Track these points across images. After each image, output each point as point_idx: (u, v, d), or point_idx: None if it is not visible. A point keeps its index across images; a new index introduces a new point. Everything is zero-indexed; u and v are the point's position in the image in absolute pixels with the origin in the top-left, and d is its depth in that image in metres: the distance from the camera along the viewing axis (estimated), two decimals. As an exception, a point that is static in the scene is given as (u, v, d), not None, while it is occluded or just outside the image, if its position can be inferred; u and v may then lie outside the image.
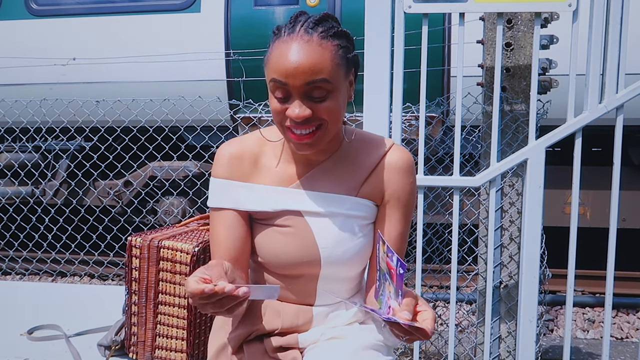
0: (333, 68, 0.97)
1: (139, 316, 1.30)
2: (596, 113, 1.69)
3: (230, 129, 3.68)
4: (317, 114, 0.97)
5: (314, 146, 1.01)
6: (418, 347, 1.89)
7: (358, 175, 1.11)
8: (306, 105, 0.96)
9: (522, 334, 1.79)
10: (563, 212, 3.61)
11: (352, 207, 1.09)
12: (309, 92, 0.96)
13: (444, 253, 2.92)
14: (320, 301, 1.13)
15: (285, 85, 0.95)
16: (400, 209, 1.11)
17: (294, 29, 0.98)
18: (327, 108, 0.98)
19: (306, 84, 0.95)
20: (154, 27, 3.78)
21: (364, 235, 1.10)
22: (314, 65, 0.94)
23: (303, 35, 0.96)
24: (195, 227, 1.42)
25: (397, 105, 1.73)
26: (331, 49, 0.97)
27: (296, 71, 0.94)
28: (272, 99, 0.99)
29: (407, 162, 1.12)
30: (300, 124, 0.97)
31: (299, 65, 0.94)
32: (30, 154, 3.97)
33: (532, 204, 1.73)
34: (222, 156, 1.10)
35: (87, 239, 3.81)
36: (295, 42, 0.96)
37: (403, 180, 1.11)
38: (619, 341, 3.08)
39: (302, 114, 0.96)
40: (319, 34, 0.97)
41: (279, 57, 0.96)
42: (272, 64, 0.97)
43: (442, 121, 3.44)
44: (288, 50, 0.95)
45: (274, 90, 0.98)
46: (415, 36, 1.89)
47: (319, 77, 0.95)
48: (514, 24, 2.06)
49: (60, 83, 3.90)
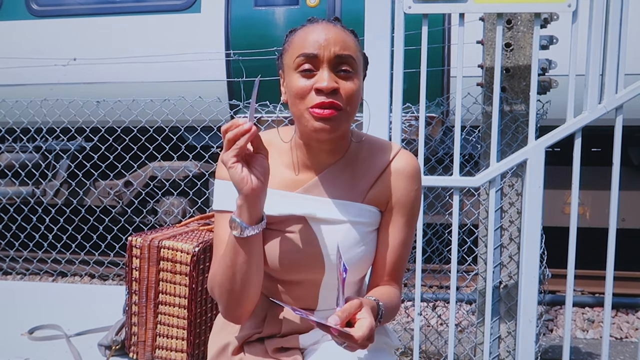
0: (356, 53, 1.02)
1: (140, 316, 1.31)
2: (596, 113, 1.70)
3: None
4: (342, 90, 0.99)
5: (334, 128, 0.99)
6: (418, 347, 1.89)
7: (365, 181, 1.10)
8: (334, 79, 0.98)
9: (521, 333, 1.79)
10: (563, 212, 3.61)
11: (358, 213, 1.08)
12: (338, 65, 0.99)
13: (443, 253, 2.92)
14: (322, 306, 1.13)
15: (315, 57, 0.98)
16: (404, 216, 1.10)
17: (315, 20, 1.03)
18: (350, 89, 0.99)
19: (337, 56, 0.98)
20: (154, 28, 3.78)
21: (368, 242, 1.09)
22: (343, 41, 0.99)
23: (327, 23, 1.02)
24: (195, 227, 1.43)
25: (397, 106, 1.73)
26: (353, 38, 1.03)
27: (327, 43, 0.98)
28: (295, 78, 1.00)
29: (414, 168, 1.11)
30: (329, 95, 0.97)
31: (329, 37, 0.98)
32: (31, 154, 3.98)
33: (532, 204, 1.74)
34: None
35: (87, 239, 3.82)
36: (321, 24, 1.01)
37: (409, 187, 1.10)
38: (619, 341, 3.08)
39: (331, 85, 0.97)
40: (340, 24, 1.03)
41: (306, 35, 0.99)
42: (299, 42, 1.00)
43: (442, 121, 3.44)
44: (316, 29, 1.00)
45: (300, 66, 0.99)
46: (415, 36, 1.89)
47: (348, 52, 0.99)
48: (513, 25, 2.06)
49: (60, 83, 3.90)
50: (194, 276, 1.26)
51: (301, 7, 3.62)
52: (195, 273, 1.26)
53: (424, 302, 3.07)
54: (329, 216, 1.07)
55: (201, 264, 1.28)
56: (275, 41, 3.56)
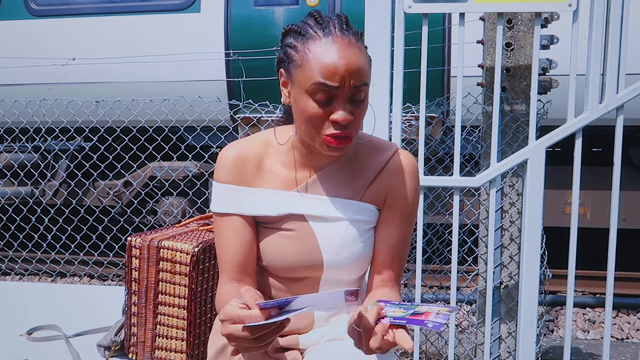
0: (368, 71, 0.98)
1: (139, 316, 1.30)
2: (596, 113, 1.69)
3: (230, 129, 3.68)
4: (354, 115, 0.97)
5: (344, 153, 1.01)
6: (418, 347, 1.88)
7: (363, 179, 1.10)
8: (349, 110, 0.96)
9: (522, 334, 1.79)
10: (563, 213, 3.61)
11: (356, 211, 1.08)
12: (354, 94, 0.96)
13: (444, 253, 2.91)
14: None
15: (334, 89, 0.94)
16: (401, 213, 1.10)
17: (329, 30, 0.96)
18: (361, 115, 0.99)
19: (354, 87, 0.95)
20: (153, 27, 3.78)
21: (366, 240, 1.09)
22: (360, 69, 0.95)
23: (343, 37, 0.95)
24: (195, 228, 1.42)
25: (397, 106, 1.73)
26: (364, 51, 0.98)
27: (348, 75, 0.93)
28: (308, 104, 0.96)
29: (412, 166, 1.11)
30: (344, 128, 0.96)
31: (350, 69, 0.93)
32: (29, 154, 3.97)
33: (532, 204, 1.73)
34: (225, 160, 1.08)
35: (86, 239, 3.81)
36: (339, 45, 0.94)
37: (407, 185, 1.10)
38: (620, 342, 3.08)
39: (349, 117, 0.95)
40: (353, 35, 0.97)
41: (324, 59, 0.93)
42: (316, 67, 0.94)
43: (442, 121, 3.44)
44: (334, 52, 0.93)
45: (315, 94, 0.95)
46: (415, 36, 1.89)
47: (363, 81, 0.96)
48: (514, 24, 2.06)
49: (59, 83, 3.90)
50: (194, 276, 1.25)
51: (301, 6, 3.61)
52: (195, 273, 1.25)
53: (424, 302, 3.06)
54: (327, 214, 1.07)
55: (201, 265, 1.27)
56: (275, 41, 3.55)
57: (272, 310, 0.80)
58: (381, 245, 1.11)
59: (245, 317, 0.78)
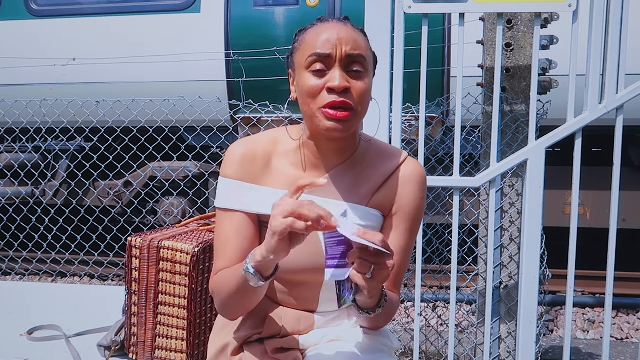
0: (367, 51, 1.02)
1: (139, 316, 1.30)
2: (596, 113, 1.69)
3: (230, 129, 3.68)
4: (353, 90, 0.99)
5: (346, 129, 1.00)
6: (418, 347, 1.89)
7: (370, 185, 1.09)
8: (345, 78, 0.98)
9: (522, 334, 1.79)
10: (563, 213, 3.61)
11: (362, 216, 1.08)
12: (349, 64, 0.99)
13: (444, 253, 2.92)
14: (322, 308, 1.12)
15: (327, 57, 0.98)
16: (406, 222, 1.10)
17: (327, 20, 1.03)
18: (361, 88, 0.99)
19: (348, 56, 0.98)
20: (154, 28, 3.78)
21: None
22: (355, 41, 0.99)
23: (338, 22, 1.02)
24: (195, 228, 1.42)
25: (397, 106, 1.73)
26: (363, 37, 1.04)
27: (339, 42, 0.98)
28: (306, 77, 0.99)
29: (421, 176, 1.11)
30: (341, 95, 0.97)
31: (342, 37, 0.98)
32: (30, 154, 3.97)
33: (532, 205, 1.73)
34: (233, 156, 1.08)
35: (87, 239, 3.81)
36: (333, 24, 1.01)
37: (414, 194, 1.10)
38: (619, 342, 3.08)
39: (343, 84, 0.97)
40: (351, 24, 1.03)
41: (318, 34, 0.99)
42: (311, 42, 0.99)
43: (442, 121, 3.44)
44: (328, 28, 1.00)
45: (312, 65, 0.99)
46: (415, 36, 1.89)
47: (359, 52, 0.99)
48: (514, 25, 2.06)
49: (60, 83, 3.90)
50: (194, 276, 1.25)
51: (301, 7, 3.61)
52: (195, 273, 1.26)
53: (424, 302, 3.07)
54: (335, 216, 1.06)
55: (201, 265, 1.27)
56: (275, 41, 3.56)
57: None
58: None
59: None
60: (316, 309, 1.12)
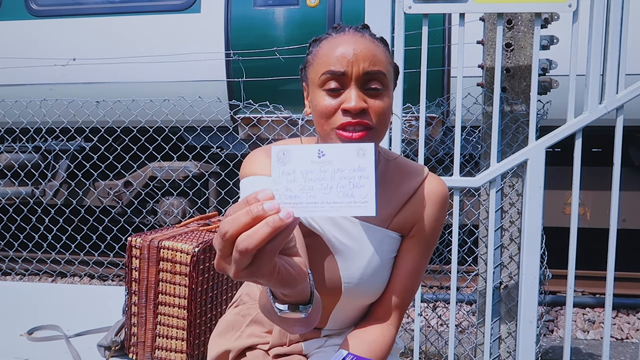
0: (387, 66, 0.94)
1: (139, 316, 1.30)
2: (596, 114, 1.69)
3: (231, 129, 3.68)
4: (371, 109, 0.91)
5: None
6: (418, 347, 1.88)
7: (392, 206, 1.04)
8: (362, 98, 0.91)
9: (522, 334, 1.79)
10: (563, 213, 3.61)
11: (382, 240, 1.03)
12: (366, 83, 0.91)
13: (444, 253, 2.91)
14: (330, 326, 1.10)
15: (342, 75, 0.90)
16: (423, 244, 1.05)
17: (342, 29, 0.95)
18: (379, 107, 0.92)
19: (365, 73, 0.90)
20: (154, 28, 3.78)
21: (386, 271, 1.05)
22: (373, 56, 0.91)
23: (355, 33, 0.94)
24: (195, 228, 1.42)
25: (397, 106, 1.73)
26: (383, 48, 0.95)
27: (356, 59, 0.90)
28: (320, 97, 0.92)
29: (443, 195, 1.06)
30: (356, 116, 0.90)
31: (358, 53, 0.90)
32: (30, 155, 3.97)
33: (532, 205, 1.73)
34: (256, 156, 1.01)
35: (87, 239, 3.81)
36: (349, 36, 0.93)
37: (435, 215, 1.05)
38: (619, 342, 3.08)
39: (359, 105, 0.89)
40: (369, 34, 0.95)
41: (332, 50, 0.91)
42: (325, 57, 0.92)
43: (442, 122, 3.44)
44: (343, 42, 0.91)
45: (326, 83, 0.92)
46: (415, 36, 1.89)
47: (377, 68, 0.91)
48: (514, 25, 2.06)
49: (60, 83, 3.90)
50: (194, 277, 1.25)
51: (301, 7, 3.61)
52: (195, 273, 1.26)
53: (424, 302, 3.07)
54: (352, 240, 1.02)
55: (201, 265, 1.27)
56: (275, 41, 3.56)
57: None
58: (395, 271, 1.05)
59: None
60: (324, 327, 1.11)
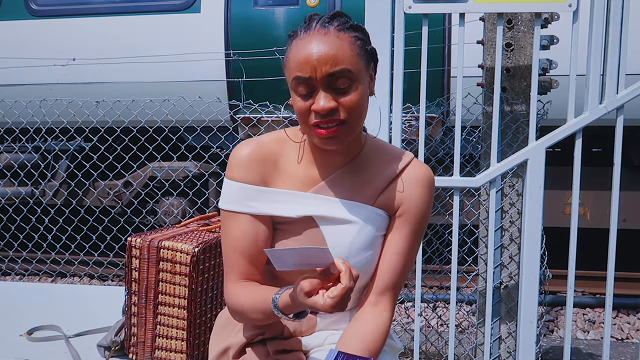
0: (353, 58, 0.96)
1: (139, 317, 1.30)
2: (596, 114, 1.69)
3: (230, 129, 3.68)
4: (341, 106, 0.96)
5: (340, 142, 0.99)
6: (418, 348, 1.88)
7: (376, 184, 1.08)
8: (331, 97, 0.95)
9: (522, 334, 1.79)
10: (563, 213, 3.61)
11: (368, 216, 1.07)
12: (332, 83, 0.95)
13: (444, 254, 2.91)
14: None
15: (308, 80, 0.95)
16: (412, 224, 1.08)
17: (309, 27, 0.98)
18: (350, 100, 0.96)
19: (328, 75, 0.94)
20: (154, 28, 3.78)
21: (376, 247, 1.07)
22: (335, 56, 0.94)
23: (319, 30, 0.97)
24: (195, 228, 1.42)
25: (397, 106, 1.73)
26: (349, 40, 0.97)
27: (318, 63, 0.93)
28: (295, 99, 0.98)
29: (429, 178, 1.10)
30: (326, 116, 0.95)
31: (319, 57, 0.93)
32: (30, 155, 3.97)
33: (532, 205, 1.73)
34: (240, 158, 1.06)
35: (86, 239, 3.81)
36: (312, 37, 0.96)
37: (421, 197, 1.08)
38: (620, 342, 3.08)
39: (327, 105, 0.94)
40: (335, 27, 0.97)
41: (297, 54, 0.96)
42: (292, 63, 0.97)
43: (442, 122, 3.44)
44: (306, 45, 0.95)
45: (297, 88, 0.97)
46: (415, 36, 1.89)
47: (340, 67, 0.94)
48: (514, 25, 2.06)
49: (60, 83, 3.90)
50: (194, 277, 1.25)
51: (301, 7, 3.61)
52: (195, 274, 1.25)
53: (424, 302, 3.07)
54: (339, 216, 1.05)
55: (201, 265, 1.27)
56: (275, 41, 3.56)
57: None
58: (385, 253, 1.08)
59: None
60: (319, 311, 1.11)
